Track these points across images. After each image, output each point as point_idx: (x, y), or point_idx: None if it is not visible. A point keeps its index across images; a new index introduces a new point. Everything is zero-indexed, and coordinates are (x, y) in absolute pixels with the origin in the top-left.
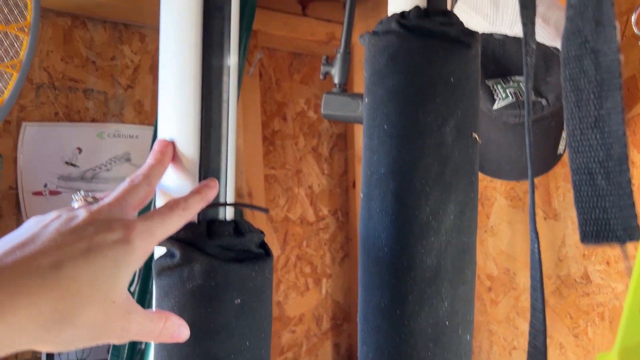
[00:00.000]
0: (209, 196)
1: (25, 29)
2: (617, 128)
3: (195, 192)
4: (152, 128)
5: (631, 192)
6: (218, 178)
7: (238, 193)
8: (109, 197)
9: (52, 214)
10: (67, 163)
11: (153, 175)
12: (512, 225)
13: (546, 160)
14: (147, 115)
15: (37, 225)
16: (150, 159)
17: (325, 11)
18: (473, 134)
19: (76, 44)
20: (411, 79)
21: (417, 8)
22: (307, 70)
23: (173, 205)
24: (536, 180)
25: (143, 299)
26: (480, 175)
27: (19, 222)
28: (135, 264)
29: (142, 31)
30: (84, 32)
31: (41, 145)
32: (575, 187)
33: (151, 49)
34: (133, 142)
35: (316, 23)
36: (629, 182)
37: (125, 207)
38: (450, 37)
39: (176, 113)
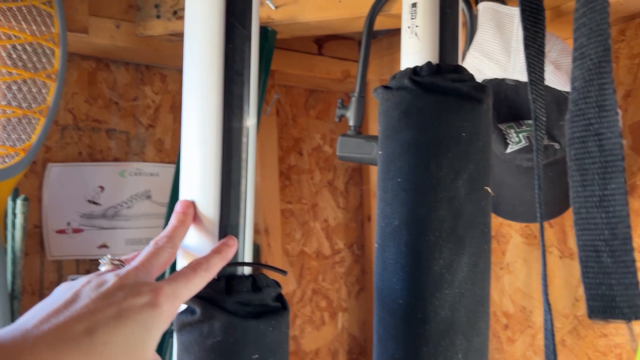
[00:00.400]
0: (229, 255)
1: (53, 76)
2: (621, 209)
3: (215, 252)
4: (172, 166)
5: (636, 271)
6: (237, 235)
7: (255, 229)
8: (135, 260)
9: (82, 280)
10: (89, 201)
11: (176, 236)
12: (527, 262)
13: (560, 203)
14: (168, 154)
15: (68, 292)
16: (173, 221)
17: (341, 50)
18: (485, 187)
19: (100, 85)
20: (424, 134)
21: (429, 64)
22: (323, 106)
23: (196, 266)
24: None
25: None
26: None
27: (42, 260)
28: (163, 326)
29: (163, 72)
30: (107, 74)
31: (65, 184)
32: (582, 263)
33: (172, 89)
34: (153, 180)
35: (331, 61)
36: (634, 261)
37: (151, 270)
38: (461, 94)
39: (198, 173)
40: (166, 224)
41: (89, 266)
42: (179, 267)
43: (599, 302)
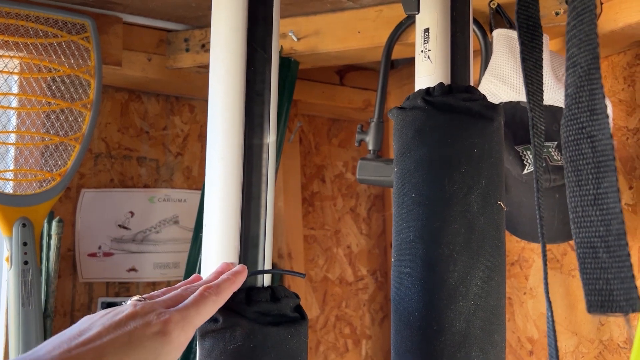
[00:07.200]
0: (239, 282)
1: (88, 106)
2: (614, 206)
3: (226, 279)
4: (199, 192)
5: (630, 265)
6: (257, 245)
7: (278, 253)
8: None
9: (102, 311)
10: (119, 226)
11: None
12: (551, 287)
13: None
14: (195, 181)
15: (86, 322)
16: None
17: (362, 80)
18: (498, 201)
19: (132, 115)
20: (437, 151)
21: (441, 84)
22: (345, 134)
23: (206, 293)
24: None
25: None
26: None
27: (74, 282)
28: (174, 352)
29: (192, 102)
30: (139, 105)
31: (97, 209)
32: (579, 259)
33: (200, 119)
34: (181, 206)
35: (353, 91)
36: (628, 255)
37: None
38: (473, 112)
39: (220, 187)
40: (192, 249)
41: (118, 289)
42: (203, 276)
43: (597, 296)
